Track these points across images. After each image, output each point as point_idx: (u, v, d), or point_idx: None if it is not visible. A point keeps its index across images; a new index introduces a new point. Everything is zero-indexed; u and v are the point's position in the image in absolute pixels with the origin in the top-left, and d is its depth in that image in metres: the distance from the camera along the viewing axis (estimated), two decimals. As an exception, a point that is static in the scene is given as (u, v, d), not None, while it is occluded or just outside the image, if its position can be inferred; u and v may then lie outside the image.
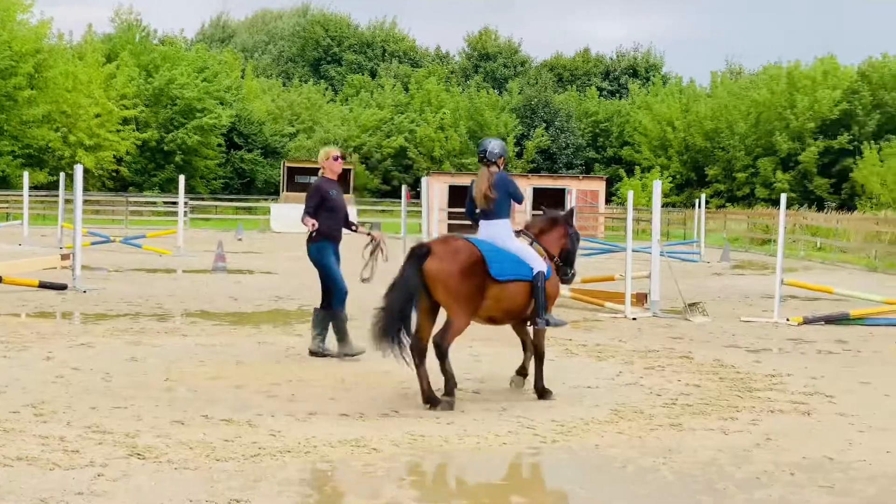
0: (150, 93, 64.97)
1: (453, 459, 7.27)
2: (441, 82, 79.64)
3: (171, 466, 6.73)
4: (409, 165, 72.00)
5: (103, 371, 10.01)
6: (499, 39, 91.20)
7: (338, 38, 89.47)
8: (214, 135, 66.26)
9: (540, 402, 9.24)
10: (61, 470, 6.55)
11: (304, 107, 74.32)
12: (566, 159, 73.69)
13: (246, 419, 8.13)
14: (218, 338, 12.68)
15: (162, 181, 64.27)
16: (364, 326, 10.08)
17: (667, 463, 7.22)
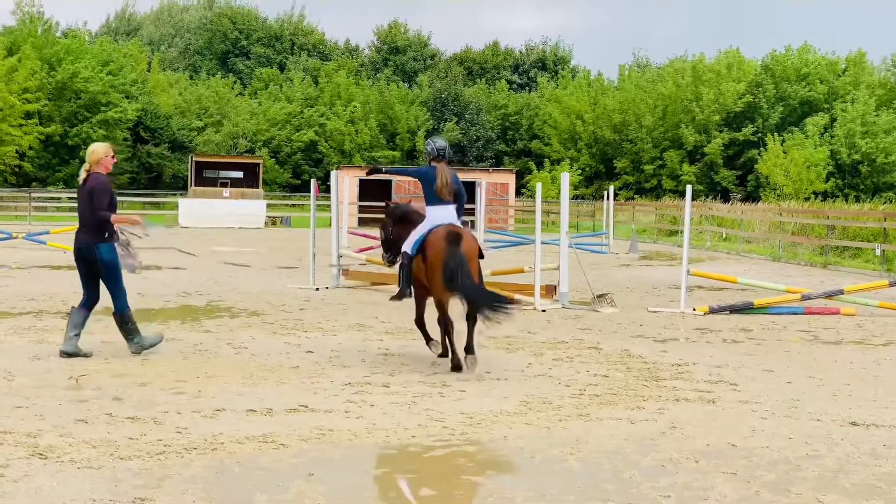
0: (53, 86, 63.74)
1: (362, 454, 7.25)
2: (351, 76, 79.43)
3: (73, 466, 6.61)
4: (319, 159, 71.71)
5: (5, 370, 9.79)
6: (408, 32, 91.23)
7: (246, 31, 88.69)
8: (120, 129, 65.26)
9: (450, 395, 9.25)
10: (-41, 472, 6.39)
11: (213, 100, 73.56)
12: (477, 152, 74.02)
13: (151, 416, 8.03)
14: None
15: (66, 176, 63.07)
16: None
17: (574, 453, 7.29)
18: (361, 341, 12.38)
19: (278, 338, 12.55)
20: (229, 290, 18.09)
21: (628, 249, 32.83)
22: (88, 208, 10.67)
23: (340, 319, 14.44)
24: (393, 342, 12.38)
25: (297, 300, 16.84)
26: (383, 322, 14.25)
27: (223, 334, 12.66)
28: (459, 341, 10.62)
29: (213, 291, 17.89)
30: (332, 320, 14.35)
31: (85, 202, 10.70)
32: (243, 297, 16.82)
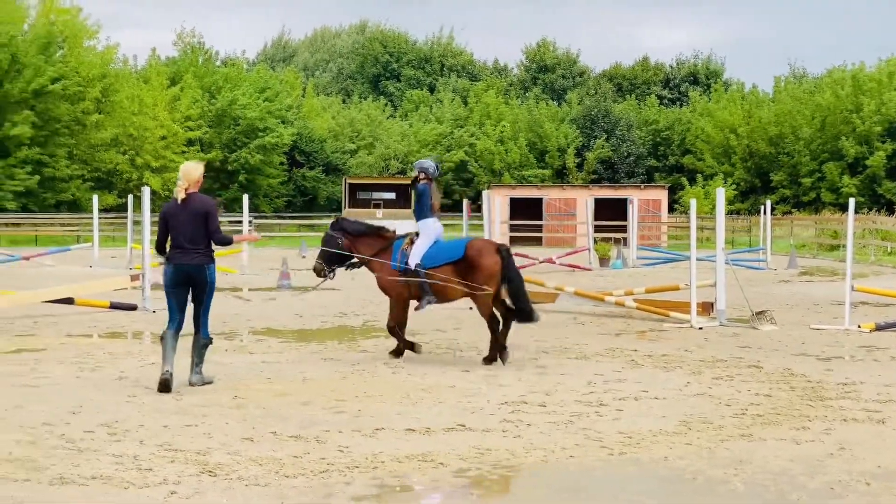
0: (213, 114, 65.81)
1: (520, 473, 7.26)
2: (500, 95, 79.70)
3: (241, 483, 6.80)
4: (469, 179, 72.10)
5: (174, 390, 10.13)
6: (557, 50, 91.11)
7: (396, 54, 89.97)
8: (277, 153, 66.92)
9: (607, 414, 9.18)
10: (135, 488, 6.65)
11: (364, 123, 74.78)
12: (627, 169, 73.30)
13: (314, 435, 8.20)
14: (284, 355, 12.80)
15: (226, 200, 64.98)
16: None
17: (738, 474, 7.15)
18: (516, 360, 12.39)
19: (434, 357, 12.67)
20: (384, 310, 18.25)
21: (787, 265, 32.01)
22: (201, 229, 10.37)
23: (495, 338, 14.46)
24: (549, 360, 12.36)
25: (451, 320, 16.95)
26: (537, 340, 14.23)
27: (380, 354, 12.84)
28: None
29: (368, 311, 18.16)
30: (486, 340, 14.37)
31: (194, 223, 10.34)
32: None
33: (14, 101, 55.17)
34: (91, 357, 12.34)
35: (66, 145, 57.33)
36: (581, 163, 72.38)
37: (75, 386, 10.34)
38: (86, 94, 57.06)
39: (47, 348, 13.15)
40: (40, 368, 11.40)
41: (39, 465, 7.16)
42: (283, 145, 67.04)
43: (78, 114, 57.06)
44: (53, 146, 56.49)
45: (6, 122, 54.79)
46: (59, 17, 58.70)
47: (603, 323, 16.58)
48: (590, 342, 14.15)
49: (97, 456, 7.46)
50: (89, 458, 7.41)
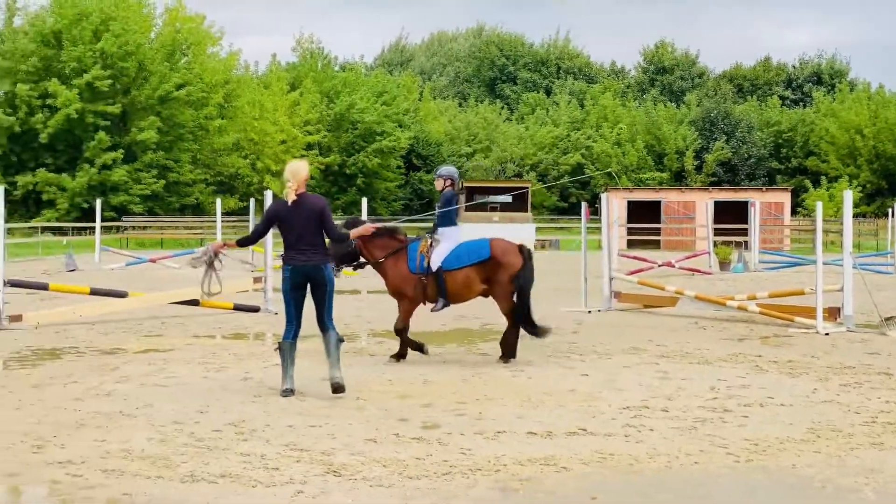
0: (331, 118, 66.78)
1: (644, 479, 7.19)
2: (617, 97, 79.16)
3: (366, 484, 6.88)
4: (586, 182, 71.72)
5: (298, 391, 10.30)
6: (675, 52, 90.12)
7: (513, 57, 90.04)
8: (394, 157, 67.59)
9: (732, 420, 9.03)
10: (263, 487, 6.78)
11: (481, 126, 75.01)
12: (748, 171, 72.08)
13: (436, 437, 8.25)
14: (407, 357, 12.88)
15: (344, 204, 65.82)
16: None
17: (869, 483, 6.97)
18: (637, 364, 12.28)
19: (553, 361, 12.63)
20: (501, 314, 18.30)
21: (916, 269, 31.04)
22: (317, 228, 10.29)
23: (614, 342, 14.38)
24: (670, 365, 12.21)
25: (570, 323, 16.88)
26: (658, 345, 14.08)
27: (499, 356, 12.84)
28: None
29: (485, 315, 18.17)
30: (605, 343, 14.31)
31: (308, 222, 10.23)
32: (517, 320, 16.99)
33: (141, 107, 56.84)
34: (216, 357, 12.62)
35: (190, 150, 58.81)
36: (700, 165, 71.42)
37: (202, 386, 10.59)
38: (209, 99, 58.45)
39: (174, 349, 13.50)
40: (168, 368, 11.71)
41: (171, 463, 7.36)
42: (401, 149, 67.66)
43: (201, 119, 58.48)
44: (178, 151, 58.03)
45: (133, 127, 56.49)
46: (185, 25, 60.28)
47: (725, 328, 16.32)
48: (712, 347, 13.95)
49: (225, 454, 7.63)
50: (218, 456, 7.58)
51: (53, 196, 55.03)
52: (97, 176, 55.00)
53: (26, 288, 18.69)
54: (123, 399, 9.79)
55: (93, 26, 55.84)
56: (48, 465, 7.32)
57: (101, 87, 54.93)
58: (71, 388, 10.42)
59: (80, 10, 56.82)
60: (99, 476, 7.01)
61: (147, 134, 55.47)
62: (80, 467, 7.23)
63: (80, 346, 13.80)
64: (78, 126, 55.40)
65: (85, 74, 54.84)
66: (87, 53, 55.31)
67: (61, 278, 25.71)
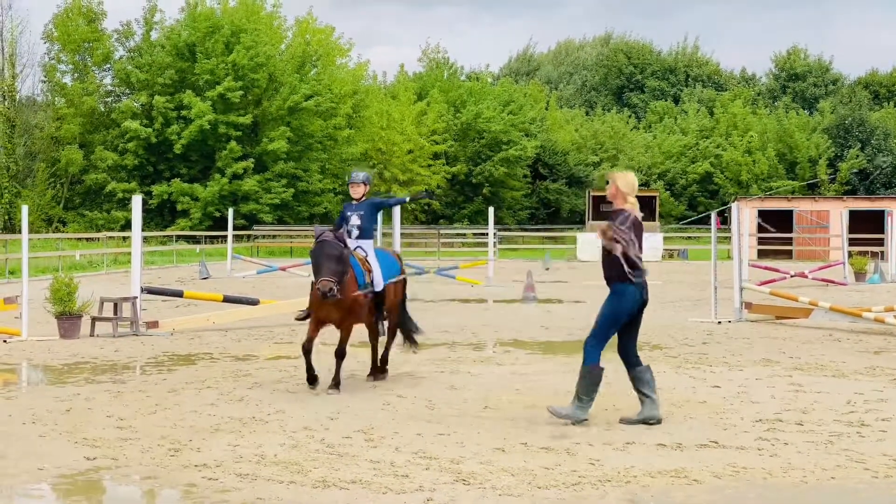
0: (458, 128, 67.10)
1: (779, 494, 7.04)
2: (747, 105, 77.74)
3: (495, 493, 6.89)
4: (715, 191, 70.63)
5: (426, 398, 10.37)
6: (808, 58, 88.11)
7: (640, 65, 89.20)
8: (520, 166, 67.57)
9: (870, 435, 8.78)
10: (393, 494, 6.84)
11: (608, 135, 74.48)
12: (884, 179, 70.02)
13: (564, 448, 8.21)
14: (531, 366, 12.88)
15: (471, 213, 66.06)
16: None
17: None
18: (769, 377, 12.02)
19: (683, 372, 12.46)
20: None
21: None
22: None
23: (746, 354, 14.11)
24: (804, 378, 11.92)
25: (700, 333, 16.63)
26: (791, 357, 13.77)
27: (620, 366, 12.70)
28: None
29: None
30: (737, 355, 14.05)
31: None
32: (644, 330, 16.77)
33: (271, 117, 58.02)
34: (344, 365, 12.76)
35: (319, 160, 59.76)
36: (834, 174, 69.67)
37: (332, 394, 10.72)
38: (338, 110, 59.33)
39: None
40: (299, 375, 11.88)
41: (302, 468, 7.47)
42: (527, 158, 67.62)
43: (330, 129, 59.40)
44: (307, 161, 59.04)
45: (264, 137, 57.68)
46: (314, 37, 61.34)
47: (861, 340, 15.88)
48: (847, 360, 13.58)
49: (356, 461, 7.72)
50: (348, 462, 7.68)
51: (187, 205, 56.53)
52: (228, 186, 56.32)
53: (162, 295, 19.25)
54: (256, 405, 9.99)
55: (224, 38, 57.26)
56: (184, 468, 7.52)
57: (232, 98, 56.28)
58: (205, 393, 10.68)
59: (212, 23, 58.33)
60: (233, 480, 7.16)
61: (277, 144, 56.59)
62: (215, 471, 7.40)
63: (214, 352, 14.13)
64: (210, 137, 56.85)
65: (217, 86, 56.26)
66: (220, 65, 56.73)
67: (195, 286, 26.39)
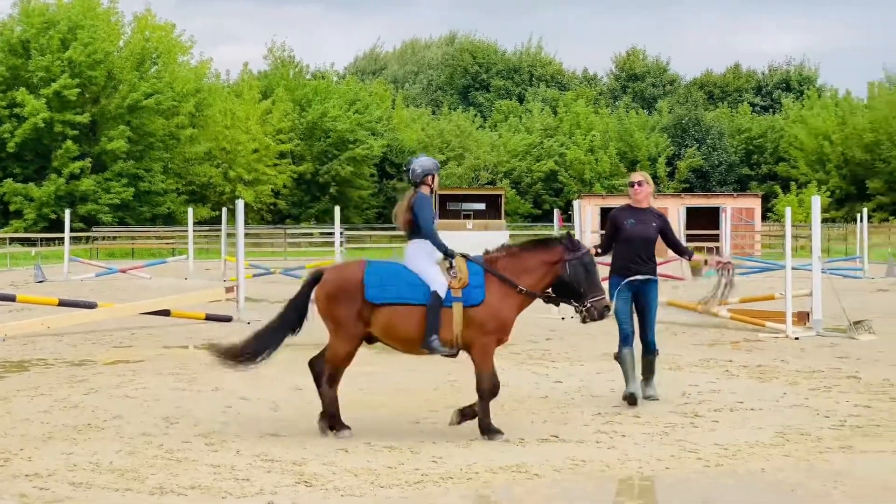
0: (304, 127, 66.63)
1: (616, 485, 7.21)
2: (589, 104, 79.37)
3: (337, 493, 6.86)
4: (559, 189, 71.90)
5: (270, 400, 10.27)
6: (646, 59, 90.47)
7: (485, 64, 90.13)
8: (367, 165, 67.50)
9: (702, 426, 9.07)
10: (233, 498, 6.74)
11: (454, 134, 75.01)
12: (719, 177, 72.43)
13: (408, 446, 8.23)
14: (377, 366, 12.85)
15: (318, 212, 65.69)
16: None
17: (838, 487, 7.01)
18: (609, 371, 12.28)
19: (526, 368, 12.64)
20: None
21: (885, 274, 31.32)
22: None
23: (587, 349, 14.40)
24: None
25: (544, 330, 16.89)
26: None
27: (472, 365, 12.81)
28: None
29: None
30: (579, 350, 14.33)
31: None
32: (490, 328, 16.97)
33: (110, 116, 56.55)
34: (187, 368, 12.54)
35: (161, 159, 58.52)
36: (672, 172, 71.69)
37: (172, 397, 10.53)
38: (180, 108, 58.20)
39: (145, 359, 13.42)
40: (138, 379, 11.63)
41: (139, 475, 7.30)
42: (374, 157, 67.60)
43: (172, 128, 58.21)
44: (149, 160, 57.74)
45: (103, 136, 56.16)
46: (154, 33, 59.96)
47: (696, 333, 16.39)
48: (683, 353, 14.00)
49: (195, 466, 7.58)
50: (187, 468, 7.54)
51: (21, 206, 54.60)
52: (65, 186, 54.63)
53: (-6, 299, 18.55)
54: (92, 411, 9.71)
55: (60, 35, 55.49)
56: (15, 478, 7.25)
57: (69, 95, 54.55)
58: (39, 400, 10.33)
59: (47, 19, 56.47)
60: (66, 489, 6.95)
61: (117, 143, 55.15)
62: (46, 480, 7.17)
63: (49, 357, 13.69)
64: (46, 135, 55.02)
65: (53, 83, 54.47)
66: (55, 62, 54.95)
67: (29, 289, 25.51)
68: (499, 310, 8.74)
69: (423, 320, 8.57)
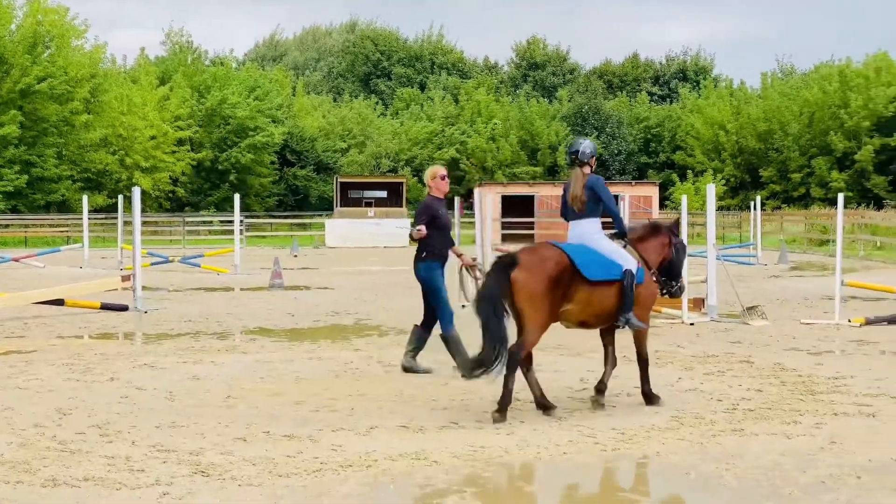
0: (203, 113, 65.70)
1: (514, 470, 7.27)
2: (490, 93, 79.73)
3: (234, 483, 6.79)
4: (461, 177, 72.11)
5: (166, 390, 10.13)
6: (547, 48, 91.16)
7: (387, 52, 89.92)
8: (267, 153, 66.85)
9: (600, 411, 9.19)
10: (128, 489, 6.64)
11: (356, 122, 74.74)
12: (619, 166, 73.41)
13: (307, 434, 8.19)
14: (277, 354, 12.79)
15: (217, 200, 64.90)
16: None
17: (730, 469, 7.16)
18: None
19: (426, 356, 12.64)
20: (377, 309, 18.33)
21: (777, 260, 32.10)
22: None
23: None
24: (543, 357, 12.30)
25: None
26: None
27: (373, 353, 12.83)
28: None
29: (360, 310, 18.16)
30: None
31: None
32: (391, 316, 17.01)
33: (1, 101, 55.06)
34: (82, 358, 12.31)
35: (55, 145, 57.21)
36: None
37: (66, 387, 10.32)
38: (74, 94, 56.93)
39: (38, 350, 13.12)
40: (31, 370, 11.37)
41: (31, 468, 7.14)
42: (274, 144, 66.99)
43: (66, 114, 56.93)
44: (42, 146, 56.38)
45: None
46: (47, 17, 58.49)
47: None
48: (582, 339, 14.15)
49: (89, 457, 7.44)
50: (81, 459, 7.40)
51: None
52: (-46, 173, 53.14)
53: None
54: (-17, 403, 9.47)
55: (-53, 17, 53.89)
56: None
57: (-43, 79, 53.04)
58: (-73, 392, 10.04)
59: (-67, 1, 54.83)
60: (-45, 483, 6.77)
61: (8, 129, 53.73)
62: (-65, 474, 6.97)
63: (-62, 348, 13.31)
64: (-67, 121, 53.42)
65: (-60, 67, 52.89)
66: (-58, 46, 53.33)
67: (-81, 279, 24.77)
68: (653, 289, 9.73)
69: (618, 296, 9.10)
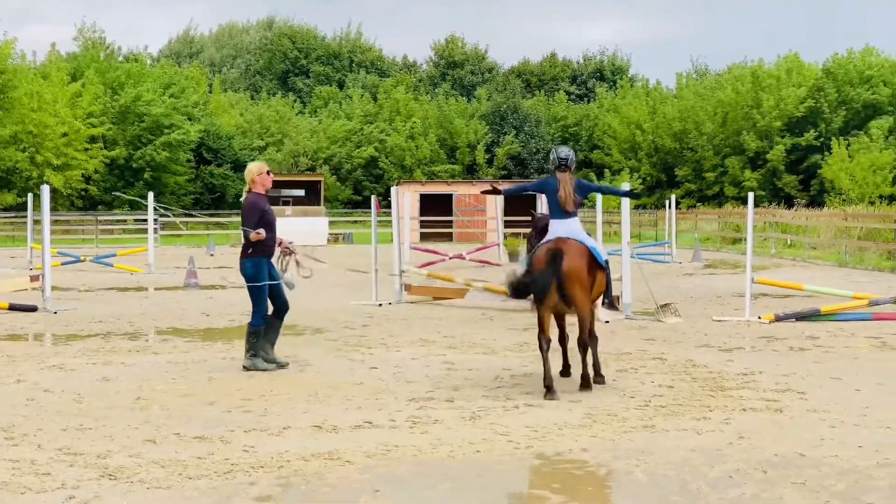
0: (116, 110, 64.66)
1: (427, 469, 7.26)
2: (409, 91, 79.68)
3: (143, 486, 6.69)
4: (380, 175, 72.00)
5: (75, 392, 9.95)
6: (465, 47, 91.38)
7: (305, 49, 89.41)
8: (183, 150, 66.01)
9: (513, 409, 9.23)
10: (32, 493, 6.51)
11: (273, 120, 74.20)
12: (537, 164, 73.86)
13: (219, 436, 8.10)
14: (190, 354, 12.64)
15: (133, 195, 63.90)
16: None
17: (640, 465, 7.24)
18: (425, 356, 12.40)
19: (342, 355, 12.62)
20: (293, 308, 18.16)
21: (691, 258, 32.55)
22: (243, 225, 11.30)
23: (404, 335, 14.48)
24: (456, 356, 12.38)
25: (360, 316, 16.90)
26: (446, 336, 14.26)
27: (288, 352, 12.73)
28: (556, 361, 10.85)
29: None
30: (395, 336, 14.39)
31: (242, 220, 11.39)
32: (307, 315, 16.90)
33: None
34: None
35: (-37, 143, 55.94)
36: (491, 158, 72.70)
37: (-28, 390, 10.08)
38: (-19, 90, 55.70)
39: (-57, 352, 12.80)
40: (-65, 372, 11.10)
41: (-67, 472, 6.97)
42: (190, 142, 66.16)
43: (-26, 110, 55.67)
44: (-51, 144, 55.09)
45: None
46: (-46, 11, 57.16)
47: (511, 318, 16.67)
48: (498, 337, 14.23)
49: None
50: (-15, 463, 7.24)
51: None
52: None
53: None
54: None
55: None
56: None
57: None
58: None
59: None
60: None
61: (-87, 126, 52.46)
62: None
63: None
64: None
65: None
66: None
67: None
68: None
69: (604, 281, 10.42)
